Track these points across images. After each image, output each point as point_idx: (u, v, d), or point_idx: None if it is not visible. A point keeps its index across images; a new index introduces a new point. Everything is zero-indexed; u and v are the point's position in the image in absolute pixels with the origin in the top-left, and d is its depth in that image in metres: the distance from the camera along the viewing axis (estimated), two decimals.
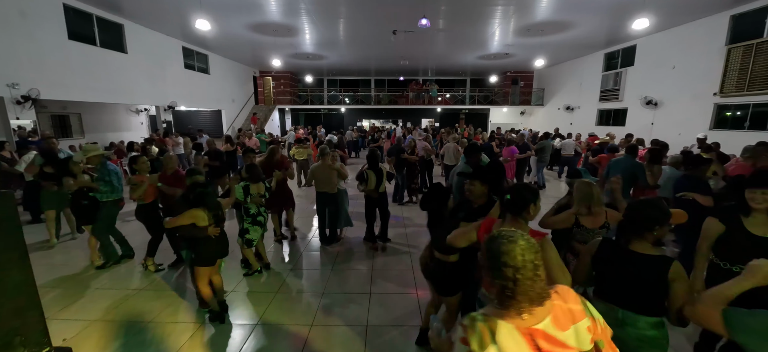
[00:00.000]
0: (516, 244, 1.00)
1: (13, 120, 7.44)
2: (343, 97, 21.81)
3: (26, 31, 7.49)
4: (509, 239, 1.02)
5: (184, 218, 2.85)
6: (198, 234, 2.92)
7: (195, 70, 13.86)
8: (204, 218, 2.89)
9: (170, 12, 9.62)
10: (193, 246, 2.99)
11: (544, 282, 1.01)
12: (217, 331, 3.00)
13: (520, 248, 1.00)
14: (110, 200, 4.10)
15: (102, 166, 4.09)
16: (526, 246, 1.00)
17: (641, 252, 1.61)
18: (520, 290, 0.97)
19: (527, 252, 0.99)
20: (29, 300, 1.99)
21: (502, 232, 1.06)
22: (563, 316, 1.03)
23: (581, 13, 9.31)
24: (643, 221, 1.62)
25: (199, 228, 2.89)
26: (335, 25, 10.79)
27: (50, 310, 3.20)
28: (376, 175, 4.61)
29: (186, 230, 2.91)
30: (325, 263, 4.40)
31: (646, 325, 1.57)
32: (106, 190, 4.05)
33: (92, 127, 11.70)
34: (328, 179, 4.72)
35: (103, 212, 4.10)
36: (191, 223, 2.87)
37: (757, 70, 8.06)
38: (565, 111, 16.43)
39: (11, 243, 1.90)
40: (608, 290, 1.70)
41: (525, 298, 0.98)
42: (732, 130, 8.90)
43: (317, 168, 4.74)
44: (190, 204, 2.90)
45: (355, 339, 2.88)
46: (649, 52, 11.53)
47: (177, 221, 2.87)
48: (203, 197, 2.94)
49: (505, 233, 1.05)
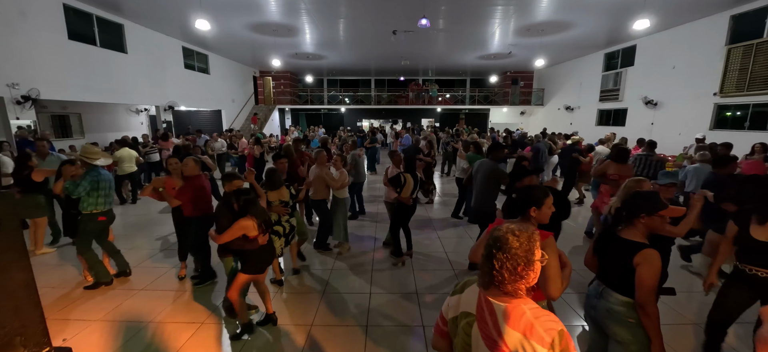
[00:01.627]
0: (512, 238, 1.06)
1: (13, 120, 7.44)
2: (343, 97, 21.82)
3: (26, 31, 7.49)
4: (509, 231, 1.08)
5: (234, 231, 2.59)
6: (250, 247, 2.69)
7: (195, 70, 13.87)
8: (254, 228, 2.64)
9: (170, 12, 9.62)
10: (242, 255, 2.77)
11: (522, 282, 1.06)
12: (217, 331, 2.99)
13: (516, 242, 1.06)
14: (87, 213, 3.56)
15: (87, 171, 3.58)
16: (520, 244, 1.05)
17: (626, 238, 1.79)
18: (499, 279, 1.06)
19: (520, 249, 1.05)
20: (29, 300, 1.99)
21: (507, 225, 1.11)
22: (519, 320, 1.04)
23: (581, 13, 9.32)
24: (631, 208, 1.81)
25: (251, 240, 2.66)
26: (335, 25, 10.79)
27: (50, 310, 3.20)
28: (414, 179, 4.15)
29: (237, 243, 2.66)
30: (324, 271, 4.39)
31: (616, 301, 1.77)
32: (89, 200, 3.55)
33: (92, 127, 11.70)
34: (316, 183, 4.49)
35: (80, 225, 3.60)
36: (242, 234, 2.62)
37: (757, 70, 8.07)
38: (565, 111, 16.44)
39: (11, 243, 1.90)
40: (599, 268, 1.95)
41: (502, 286, 1.06)
42: (732, 130, 8.90)
43: (312, 171, 4.57)
44: (237, 214, 2.64)
45: (357, 337, 2.89)
46: (649, 52, 11.53)
47: (226, 236, 2.59)
48: (251, 205, 2.67)
49: (510, 226, 1.10)
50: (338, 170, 4.60)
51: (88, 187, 3.51)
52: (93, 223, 3.63)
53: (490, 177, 3.95)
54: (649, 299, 1.62)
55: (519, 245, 1.04)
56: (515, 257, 1.04)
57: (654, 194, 1.84)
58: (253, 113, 18.05)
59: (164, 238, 5.21)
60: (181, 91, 12.79)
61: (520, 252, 1.04)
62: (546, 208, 1.82)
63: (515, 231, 1.07)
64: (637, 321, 1.71)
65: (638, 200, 1.81)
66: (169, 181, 3.78)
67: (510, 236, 1.06)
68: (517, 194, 1.88)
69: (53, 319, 3.06)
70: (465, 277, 1.26)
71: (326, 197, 4.60)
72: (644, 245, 1.71)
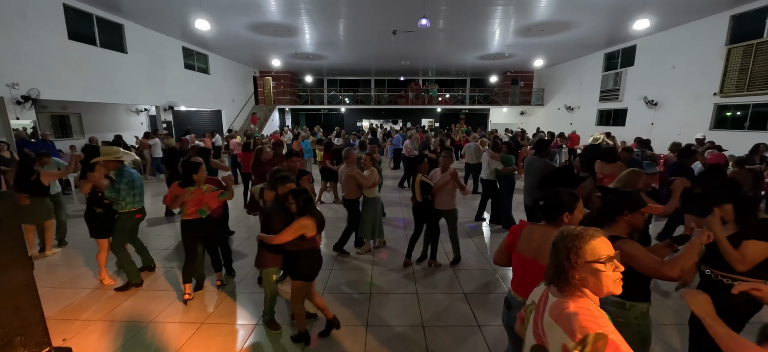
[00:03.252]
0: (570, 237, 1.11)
1: (13, 120, 7.44)
2: (343, 97, 21.82)
3: (26, 31, 7.49)
4: (563, 232, 1.15)
5: (292, 231, 2.51)
6: (308, 247, 2.62)
7: (195, 70, 13.87)
8: (313, 227, 2.57)
9: (170, 12, 9.62)
10: (294, 262, 2.67)
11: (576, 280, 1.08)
12: (218, 331, 2.99)
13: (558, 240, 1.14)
14: (125, 211, 3.61)
15: (118, 173, 3.60)
16: (560, 241, 1.13)
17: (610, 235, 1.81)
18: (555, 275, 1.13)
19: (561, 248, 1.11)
20: (29, 300, 1.99)
21: (570, 227, 1.17)
22: (560, 311, 1.06)
23: (581, 13, 9.32)
24: (615, 207, 1.86)
25: (309, 240, 2.60)
26: (335, 25, 10.79)
27: (50, 310, 3.20)
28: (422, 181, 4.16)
29: (295, 243, 2.59)
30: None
31: (606, 300, 1.74)
32: (127, 199, 3.57)
33: (92, 127, 11.69)
34: (348, 183, 4.52)
35: (118, 224, 3.64)
36: (301, 235, 2.55)
37: (757, 70, 8.07)
38: (565, 111, 16.44)
39: (11, 243, 1.90)
40: None
41: (557, 281, 1.12)
42: (732, 131, 8.90)
43: (341, 171, 4.60)
44: (295, 214, 2.58)
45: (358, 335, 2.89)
46: (649, 52, 11.53)
47: (285, 235, 2.51)
48: (310, 205, 2.62)
49: (571, 228, 1.16)
50: (368, 170, 4.56)
51: (126, 187, 3.56)
52: (131, 221, 3.69)
53: (541, 173, 4.17)
54: (659, 269, 1.57)
55: (562, 242, 1.11)
56: (559, 253, 1.10)
57: (635, 193, 1.90)
58: (253, 113, 18.06)
59: (163, 237, 5.22)
60: (181, 91, 12.79)
61: (562, 249, 1.10)
62: (578, 212, 1.80)
63: (564, 230, 1.14)
64: (626, 321, 1.76)
65: (622, 199, 1.86)
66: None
67: (558, 235, 1.14)
68: (546, 199, 1.85)
69: (53, 319, 3.06)
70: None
71: (358, 196, 4.58)
72: (617, 238, 1.73)
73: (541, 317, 1.14)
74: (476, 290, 3.71)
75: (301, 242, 2.59)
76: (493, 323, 3.10)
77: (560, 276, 1.10)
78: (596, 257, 1.06)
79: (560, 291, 1.12)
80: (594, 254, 1.06)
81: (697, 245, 1.59)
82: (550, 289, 1.17)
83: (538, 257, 1.73)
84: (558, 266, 1.11)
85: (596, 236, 1.09)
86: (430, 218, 4.13)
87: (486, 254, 4.66)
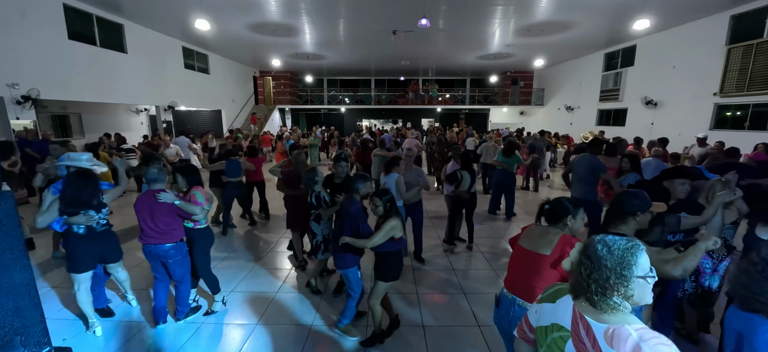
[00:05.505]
0: (602, 247, 1.04)
1: (13, 120, 7.44)
2: (343, 97, 21.82)
3: (26, 31, 7.49)
4: (601, 240, 1.07)
5: (386, 232, 2.57)
6: (396, 248, 2.68)
7: (195, 70, 13.87)
8: (401, 228, 2.64)
9: (170, 12, 9.62)
10: (380, 262, 2.71)
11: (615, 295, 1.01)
12: (218, 332, 2.99)
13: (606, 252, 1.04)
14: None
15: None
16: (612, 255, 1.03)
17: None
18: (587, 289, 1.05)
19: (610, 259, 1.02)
20: (29, 300, 1.99)
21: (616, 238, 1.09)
22: (624, 343, 0.97)
23: (581, 13, 9.32)
24: (629, 208, 1.89)
25: (397, 241, 2.66)
26: (335, 25, 10.79)
27: (50, 310, 3.19)
28: (470, 175, 4.50)
29: (387, 245, 2.64)
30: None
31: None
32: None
33: (92, 127, 11.69)
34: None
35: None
36: (391, 236, 2.61)
37: (757, 70, 8.07)
38: (565, 111, 16.44)
39: (11, 243, 1.89)
40: None
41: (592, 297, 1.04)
42: (732, 130, 8.90)
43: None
44: (384, 215, 2.64)
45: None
46: (649, 52, 11.53)
47: (378, 237, 2.56)
48: (395, 205, 2.70)
49: (616, 239, 1.08)
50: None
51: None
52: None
53: (592, 171, 4.43)
54: (662, 268, 1.66)
55: (610, 256, 1.00)
56: (604, 267, 0.99)
57: (643, 192, 1.94)
58: (253, 113, 18.05)
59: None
60: (181, 91, 12.79)
61: (610, 263, 0.99)
62: (579, 219, 1.91)
63: (607, 241, 1.03)
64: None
65: (633, 201, 1.89)
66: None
67: (599, 245, 1.02)
68: (552, 204, 1.96)
69: (53, 319, 3.06)
70: (556, 284, 1.25)
71: (421, 199, 4.58)
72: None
73: (595, 344, 1.00)
74: (476, 289, 3.71)
75: (391, 243, 2.63)
76: (493, 322, 3.09)
77: (605, 294, 0.99)
78: (646, 272, 1.00)
79: (593, 306, 1.03)
80: (645, 268, 1.00)
81: (702, 249, 1.62)
82: (580, 306, 1.07)
83: (534, 247, 1.86)
84: (603, 282, 0.99)
85: (643, 247, 1.03)
86: (467, 206, 4.68)
87: (486, 254, 4.66)
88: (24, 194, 7.12)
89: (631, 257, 0.99)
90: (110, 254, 3.01)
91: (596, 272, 1.00)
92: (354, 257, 2.79)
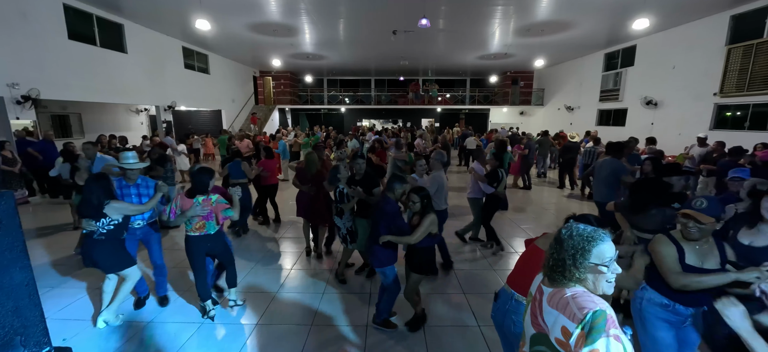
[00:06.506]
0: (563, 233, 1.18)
1: (13, 120, 7.44)
2: (343, 97, 21.82)
3: (26, 31, 7.49)
4: (571, 230, 1.17)
5: (426, 228, 2.69)
6: (431, 243, 2.82)
7: (195, 70, 13.88)
8: (436, 223, 2.79)
9: (170, 12, 9.62)
10: (415, 257, 2.84)
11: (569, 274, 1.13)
12: (218, 331, 2.99)
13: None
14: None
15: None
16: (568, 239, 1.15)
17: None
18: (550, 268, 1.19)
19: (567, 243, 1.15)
20: (29, 300, 1.99)
21: (580, 227, 1.20)
22: (558, 300, 1.12)
23: (581, 13, 9.32)
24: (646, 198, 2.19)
25: (433, 236, 2.79)
26: (335, 25, 10.79)
27: (50, 310, 3.19)
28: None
29: (426, 240, 2.78)
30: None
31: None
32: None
33: (92, 127, 11.70)
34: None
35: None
36: (428, 233, 2.73)
37: (757, 70, 8.07)
38: (565, 111, 16.44)
39: (11, 243, 1.89)
40: None
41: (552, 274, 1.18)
42: (732, 130, 8.90)
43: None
44: (421, 212, 2.76)
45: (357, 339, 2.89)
46: (649, 52, 11.53)
47: (419, 233, 2.67)
48: (431, 201, 2.84)
49: (581, 227, 1.19)
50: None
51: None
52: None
53: (614, 174, 4.47)
54: (667, 277, 1.80)
55: (570, 240, 1.12)
56: (564, 250, 1.11)
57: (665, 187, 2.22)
58: (253, 113, 18.05)
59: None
60: (181, 91, 12.79)
61: (568, 247, 1.11)
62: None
63: (573, 227, 1.16)
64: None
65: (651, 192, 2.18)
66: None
67: (564, 230, 1.16)
68: (577, 218, 2.00)
69: (53, 319, 3.06)
70: None
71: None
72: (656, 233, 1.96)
73: (540, 306, 1.18)
74: (476, 290, 3.71)
75: (428, 238, 2.74)
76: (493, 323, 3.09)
77: (559, 271, 1.12)
78: (602, 260, 1.07)
79: (552, 283, 1.16)
80: (601, 257, 1.07)
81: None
82: (543, 281, 1.21)
83: (546, 246, 1.89)
84: (559, 261, 1.12)
85: (605, 238, 1.10)
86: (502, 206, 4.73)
87: (486, 254, 4.66)
88: (24, 194, 7.13)
89: (588, 244, 1.08)
90: (102, 262, 2.85)
91: (557, 253, 1.13)
92: (392, 255, 2.88)
